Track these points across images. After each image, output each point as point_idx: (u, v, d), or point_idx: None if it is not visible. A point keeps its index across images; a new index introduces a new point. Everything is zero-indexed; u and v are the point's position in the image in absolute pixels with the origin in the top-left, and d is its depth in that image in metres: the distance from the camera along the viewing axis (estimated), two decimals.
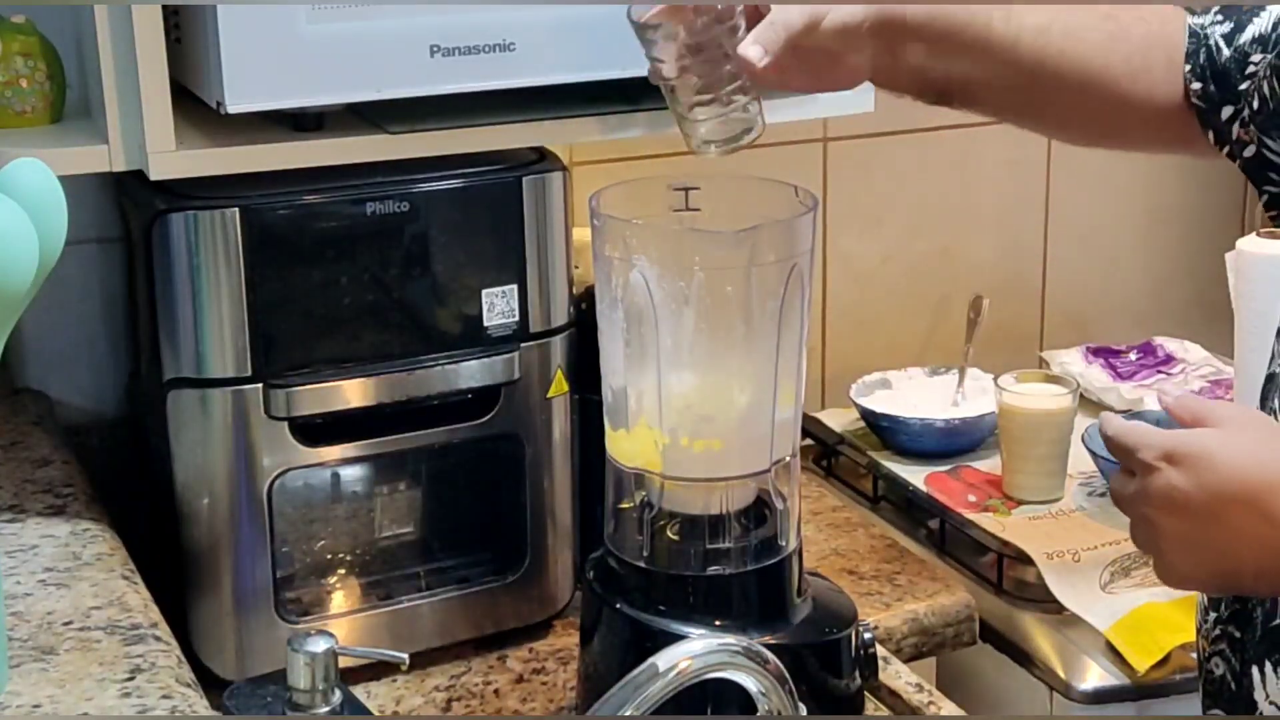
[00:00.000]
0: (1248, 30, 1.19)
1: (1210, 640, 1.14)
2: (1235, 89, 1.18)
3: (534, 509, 1.41)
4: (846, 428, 1.90)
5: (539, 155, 1.37)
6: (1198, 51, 1.20)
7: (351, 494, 1.41)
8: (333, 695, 1.14)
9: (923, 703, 1.36)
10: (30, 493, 1.33)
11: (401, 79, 1.24)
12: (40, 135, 1.27)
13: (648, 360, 1.19)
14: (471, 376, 1.34)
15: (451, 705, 1.35)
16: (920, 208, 2.03)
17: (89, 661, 1.07)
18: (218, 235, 1.25)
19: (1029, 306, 2.13)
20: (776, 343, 1.19)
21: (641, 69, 1.20)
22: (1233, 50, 1.19)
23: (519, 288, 1.35)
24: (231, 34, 1.17)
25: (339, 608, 1.39)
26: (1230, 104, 1.19)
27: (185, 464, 1.29)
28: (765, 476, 1.22)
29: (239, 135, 1.24)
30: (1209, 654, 1.14)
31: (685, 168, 1.34)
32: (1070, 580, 1.56)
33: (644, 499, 1.22)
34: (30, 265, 0.97)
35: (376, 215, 1.29)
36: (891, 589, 1.55)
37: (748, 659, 1.00)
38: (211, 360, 1.27)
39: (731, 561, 1.21)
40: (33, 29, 1.30)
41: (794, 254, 1.19)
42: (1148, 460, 0.96)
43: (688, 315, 1.17)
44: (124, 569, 1.21)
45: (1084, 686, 1.49)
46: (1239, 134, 1.19)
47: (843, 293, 2.01)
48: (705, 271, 1.16)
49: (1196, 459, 0.95)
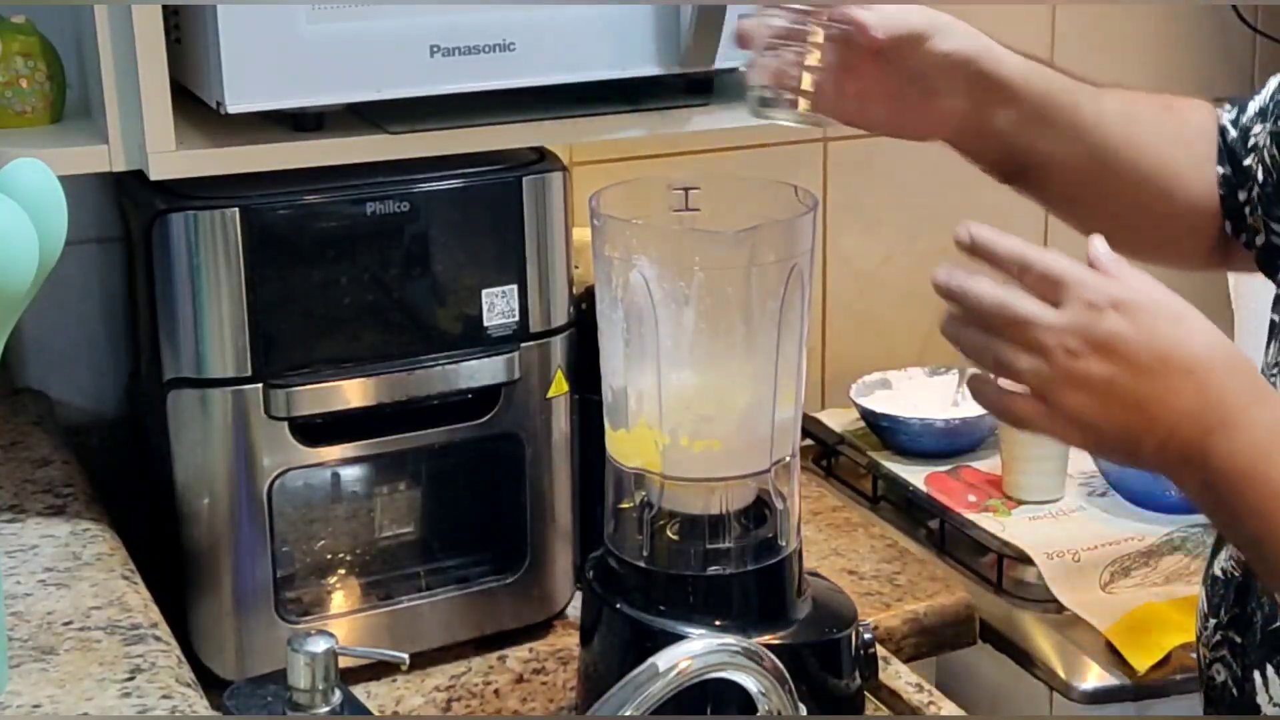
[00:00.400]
0: (1250, 106, 1.19)
1: (1211, 647, 1.14)
2: (1242, 165, 1.18)
3: (534, 509, 1.41)
4: (846, 428, 1.90)
5: (539, 155, 1.37)
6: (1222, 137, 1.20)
7: (351, 494, 1.41)
8: (333, 695, 1.14)
9: (923, 703, 1.36)
10: (30, 493, 1.33)
11: (401, 79, 1.24)
12: (40, 135, 1.27)
13: (648, 360, 1.19)
14: (471, 376, 1.34)
15: (451, 705, 1.35)
16: (920, 208, 2.03)
17: (89, 661, 1.07)
18: (218, 235, 1.25)
19: None
20: (776, 343, 1.19)
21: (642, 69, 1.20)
22: (1238, 130, 1.19)
23: (519, 288, 1.35)
24: (231, 34, 1.17)
25: (339, 608, 1.39)
26: (1243, 187, 1.19)
27: (185, 464, 1.29)
28: (765, 476, 1.22)
29: (239, 135, 1.24)
30: (1210, 661, 1.14)
31: (685, 168, 1.34)
32: (1070, 580, 1.56)
33: (644, 499, 1.22)
34: (30, 265, 0.97)
35: (376, 215, 1.29)
36: (891, 589, 1.55)
37: (748, 659, 1.00)
38: (211, 360, 1.27)
39: (731, 561, 1.21)
40: (33, 29, 1.30)
41: (794, 254, 1.19)
42: (1093, 300, 0.93)
43: (688, 315, 1.17)
44: (124, 569, 1.21)
45: (1084, 686, 1.49)
46: (1250, 220, 1.19)
47: (843, 293, 2.01)
48: (705, 271, 1.16)
49: (1148, 313, 0.93)
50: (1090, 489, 1.75)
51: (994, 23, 2.18)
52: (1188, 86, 2.20)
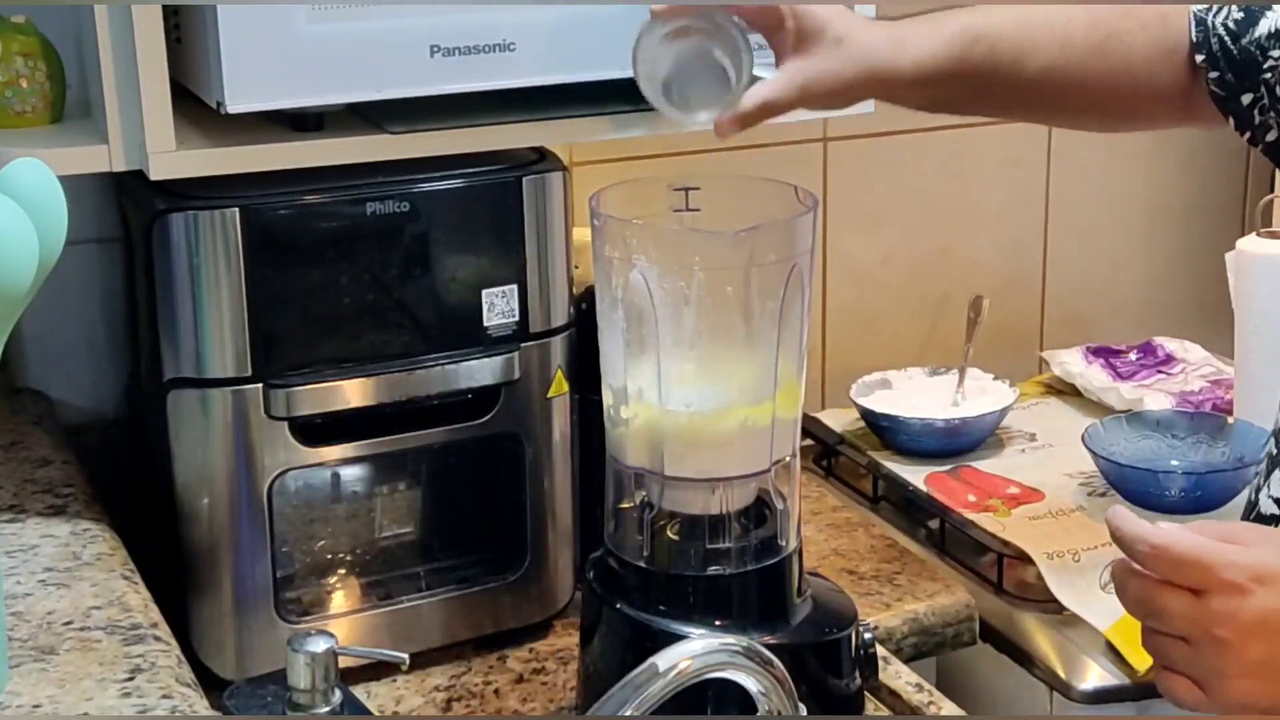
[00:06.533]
0: (1262, 25, 1.20)
1: None
2: (1255, 79, 1.20)
3: (534, 509, 1.41)
4: (846, 428, 1.91)
5: (539, 155, 1.37)
6: (1207, 40, 1.22)
7: (351, 494, 1.41)
8: (333, 695, 1.14)
9: (923, 703, 1.36)
10: (30, 493, 1.33)
11: (401, 79, 1.24)
12: (40, 135, 1.27)
13: (648, 360, 1.19)
14: (471, 376, 1.34)
15: (451, 705, 1.36)
16: (920, 207, 2.03)
17: (89, 661, 1.07)
18: (218, 235, 1.25)
19: (1029, 306, 2.13)
20: (776, 343, 1.19)
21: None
22: (1249, 42, 1.20)
23: (519, 288, 1.35)
24: (231, 34, 1.17)
25: (339, 608, 1.39)
26: (1250, 91, 1.20)
27: (185, 464, 1.29)
28: (765, 476, 1.22)
29: (239, 135, 1.24)
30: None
31: (685, 168, 1.34)
32: (1070, 580, 1.56)
33: (644, 499, 1.22)
34: (30, 265, 0.97)
35: (376, 215, 1.29)
36: (891, 589, 1.55)
37: (748, 659, 1.00)
38: (211, 360, 1.27)
39: (731, 561, 1.21)
40: (33, 29, 1.30)
41: (794, 254, 1.19)
42: (1235, 581, 0.90)
43: (688, 315, 1.17)
44: (124, 569, 1.21)
45: (1084, 686, 1.49)
46: (1259, 119, 1.21)
47: (843, 293, 2.01)
48: (705, 271, 1.16)
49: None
50: (1090, 489, 1.75)
51: None
52: None
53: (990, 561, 1.62)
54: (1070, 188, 2.12)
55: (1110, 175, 2.14)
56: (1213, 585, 0.91)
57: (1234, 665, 0.90)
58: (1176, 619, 0.92)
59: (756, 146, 1.78)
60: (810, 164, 1.94)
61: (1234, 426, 1.76)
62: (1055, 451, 1.84)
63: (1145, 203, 2.19)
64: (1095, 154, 2.12)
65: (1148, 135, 2.14)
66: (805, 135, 1.89)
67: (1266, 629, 0.90)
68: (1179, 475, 1.69)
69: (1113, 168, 2.14)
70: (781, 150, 1.81)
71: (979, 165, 2.05)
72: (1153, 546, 0.92)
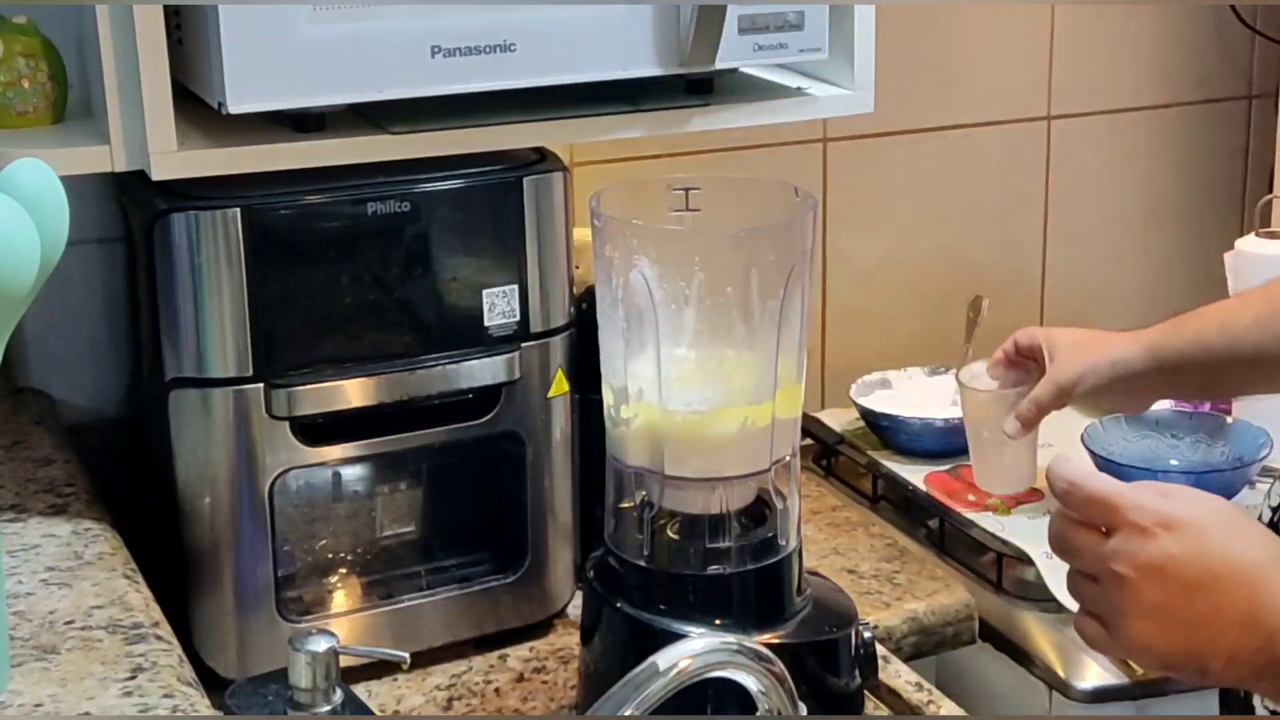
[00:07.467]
0: None
1: None
2: None
3: (534, 508, 1.41)
4: (846, 427, 1.91)
5: (539, 155, 1.37)
6: None
7: (352, 493, 1.41)
8: (334, 694, 1.14)
9: (922, 702, 1.36)
10: (32, 492, 1.33)
11: (402, 79, 1.24)
12: (42, 135, 1.28)
13: (648, 360, 1.20)
14: (472, 376, 1.35)
15: (452, 704, 1.36)
16: (920, 208, 2.03)
17: (90, 661, 1.07)
18: (219, 235, 1.25)
19: (1029, 306, 2.13)
20: (776, 343, 1.19)
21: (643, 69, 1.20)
22: None
23: (519, 288, 1.35)
24: (233, 34, 1.18)
25: (340, 607, 1.39)
26: None
27: (187, 463, 1.29)
28: (765, 476, 1.23)
29: (240, 136, 1.24)
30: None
31: (685, 168, 1.34)
32: None
33: (644, 498, 1.23)
34: (32, 265, 0.97)
35: (378, 215, 1.29)
36: (891, 588, 1.55)
37: (748, 658, 1.00)
38: (213, 360, 1.27)
39: (731, 561, 1.21)
40: (34, 29, 1.30)
41: (794, 254, 1.19)
42: (1141, 523, 0.92)
43: (688, 315, 1.17)
44: (125, 568, 1.21)
45: (1084, 686, 1.49)
46: None
47: (843, 293, 2.01)
48: (705, 271, 1.16)
49: (1194, 528, 0.92)
50: None
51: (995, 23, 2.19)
52: (1186, 86, 2.21)
53: (990, 561, 1.62)
54: (1070, 188, 2.12)
55: (1110, 175, 2.14)
56: (1119, 524, 0.94)
57: (1132, 604, 0.93)
58: (1085, 555, 0.96)
59: (757, 147, 1.78)
60: (810, 164, 1.94)
61: (1233, 426, 1.76)
62: (1054, 451, 1.83)
63: (1145, 203, 2.19)
64: (1095, 154, 2.13)
65: (1147, 135, 2.14)
66: (805, 135, 1.90)
67: (1164, 573, 0.92)
68: (1178, 475, 1.69)
69: (1113, 168, 2.14)
70: (781, 150, 1.81)
71: (979, 165, 2.05)
72: (1069, 483, 0.97)
